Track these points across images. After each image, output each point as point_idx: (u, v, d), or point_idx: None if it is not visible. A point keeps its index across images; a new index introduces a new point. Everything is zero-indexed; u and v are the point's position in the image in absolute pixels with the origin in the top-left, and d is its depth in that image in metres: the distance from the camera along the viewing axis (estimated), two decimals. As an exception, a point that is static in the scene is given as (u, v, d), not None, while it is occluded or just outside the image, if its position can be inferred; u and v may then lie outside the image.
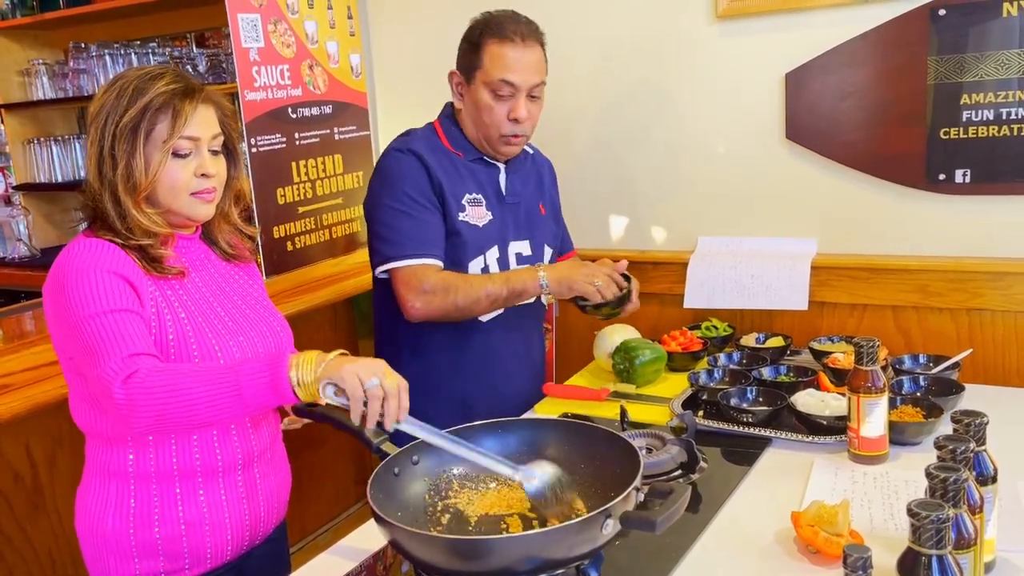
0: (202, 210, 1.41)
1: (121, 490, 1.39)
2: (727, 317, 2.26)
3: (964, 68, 2.01)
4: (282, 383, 1.20)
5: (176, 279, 1.39)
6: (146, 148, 1.34)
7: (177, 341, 1.35)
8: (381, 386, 1.18)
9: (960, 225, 2.09)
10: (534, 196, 2.03)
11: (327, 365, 1.21)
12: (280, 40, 2.46)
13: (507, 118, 1.84)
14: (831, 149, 2.19)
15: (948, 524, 0.91)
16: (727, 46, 2.27)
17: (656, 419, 1.76)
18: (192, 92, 1.37)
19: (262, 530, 1.50)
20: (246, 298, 1.52)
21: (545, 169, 2.12)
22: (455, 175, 1.89)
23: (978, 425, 1.13)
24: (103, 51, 3.20)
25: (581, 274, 1.82)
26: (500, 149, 1.91)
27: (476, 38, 1.86)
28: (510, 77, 1.82)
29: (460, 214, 1.88)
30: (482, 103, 1.85)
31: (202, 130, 1.37)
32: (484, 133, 1.89)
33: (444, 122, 1.96)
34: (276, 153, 2.46)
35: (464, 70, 1.89)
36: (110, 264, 1.31)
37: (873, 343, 1.48)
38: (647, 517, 1.07)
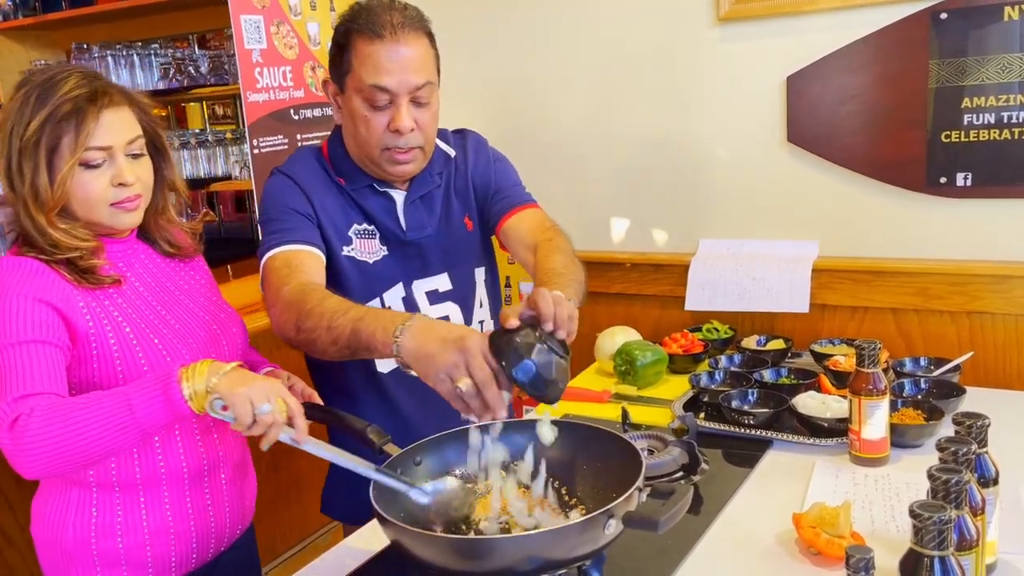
0: (125, 219, 1.34)
1: (82, 499, 1.34)
2: (728, 319, 2.26)
3: (965, 72, 2.02)
4: (174, 396, 1.14)
5: (113, 287, 1.33)
6: (54, 161, 1.26)
7: (122, 352, 1.29)
8: (272, 413, 1.14)
9: (961, 228, 2.09)
10: (455, 213, 1.69)
11: (220, 379, 1.14)
12: (282, 42, 2.47)
13: (388, 130, 1.51)
14: (832, 152, 2.19)
15: (950, 525, 0.91)
16: (728, 50, 2.28)
17: (657, 421, 1.76)
18: (97, 97, 1.28)
19: (228, 537, 1.46)
20: (192, 295, 1.46)
21: (470, 167, 1.73)
22: (342, 203, 1.60)
23: (980, 427, 1.13)
24: (105, 52, 3.21)
25: (444, 364, 1.18)
26: (387, 168, 1.56)
27: (342, 36, 1.52)
28: (383, 81, 1.48)
29: (345, 248, 1.57)
30: (357, 115, 1.52)
31: (114, 136, 1.29)
32: (365, 151, 1.56)
33: (332, 142, 1.64)
34: (278, 154, 2.46)
35: (336, 77, 1.56)
36: (33, 289, 1.23)
37: (875, 345, 1.49)
38: (649, 517, 1.07)
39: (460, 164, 1.73)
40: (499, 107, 2.62)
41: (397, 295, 1.63)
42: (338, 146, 1.63)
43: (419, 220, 1.64)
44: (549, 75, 2.53)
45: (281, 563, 2.70)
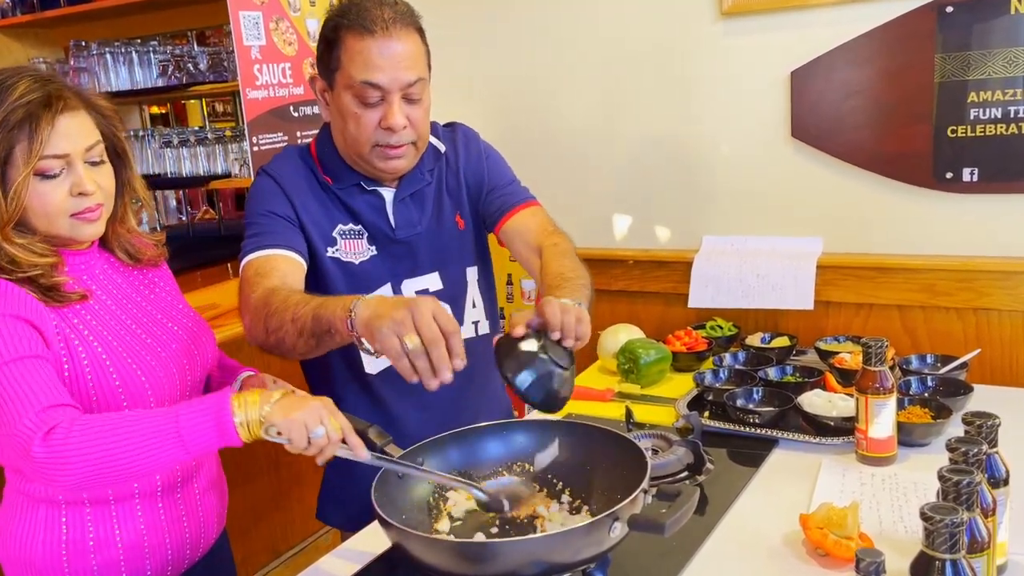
0: (87, 231, 1.27)
1: (51, 517, 1.29)
2: (732, 317, 2.25)
3: (971, 65, 2.00)
4: (226, 427, 1.12)
5: (80, 303, 1.27)
6: (8, 172, 1.19)
7: (94, 370, 1.24)
8: (326, 434, 1.13)
9: (967, 224, 2.07)
10: (447, 211, 1.66)
11: (272, 408, 1.13)
12: (282, 38, 2.45)
13: (380, 127, 1.49)
14: (837, 148, 2.17)
15: (962, 528, 0.90)
16: (731, 44, 2.26)
17: (661, 420, 1.75)
18: (51, 101, 1.20)
19: (202, 546, 1.43)
20: (159, 305, 1.41)
21: (462, 158, 1.70)
22: (327, 204, 1.58)
23: (990, 427, 1.12)
24: (103, 49, 3.19)
25: (392, 320, 1.16)
26: (377, 165, 1.53)
27: (331, 32, 1.49)
28: (375, 78, 1.45)
29: (329, 249, 1.55)
30: (347, 112, 1.49)
31: (71, 143, 1.22)
32: (355, 149, 1.53)
33: (320, 141, 1.62)
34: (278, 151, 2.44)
35: (324, 74, 1.53)
36: (8, 307, 1.17)
37: (881, 343, 1.47)
38: (655, 520, 1.05)
39: (451, 160, 1.70)
40: (500, 104, 2.60)
41: (385, 295, 1.58)
42: (326, 144, 1.60)
43: (409, 218, 1.61)
44: (550, 72, 2.51)
45: (283, 562, 2.69)
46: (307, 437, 1.13)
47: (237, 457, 2.25)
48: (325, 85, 1.54)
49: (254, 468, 2.45)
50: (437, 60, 1.67)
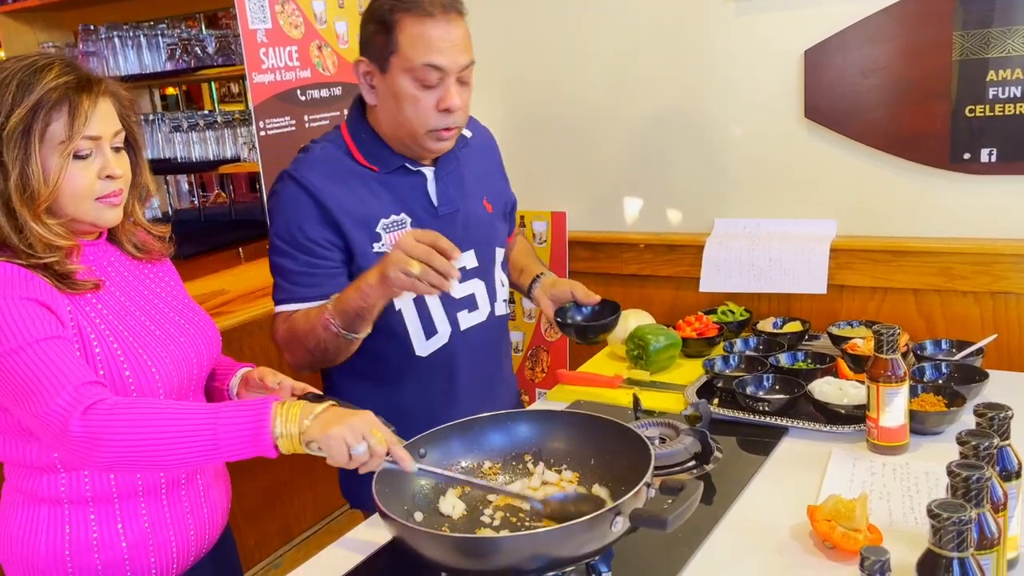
0: (109, 215, 1.27)
1: (54, 516, 1.28)
2: (744, 301, 2.22)
3: (991, 43, 1.95)
4: (264, 439, 1.12)
5: (92, 293, 1.27)
6: (42, 152, 1.19)
7: (105, 358, 1.23)
8: (368, 449, 1.12)
9: (985, 206, 2.03)
10: (474, 194, 1.71)
11: (312, 422, 1.13)
12: (288, 21, 2.42)
13: (436, 109, 1.51)
14: (851, 128, 2.13)
15: (970, 526, 0.88)
16: (744, 24, 2.21)
17: (670, 407, 1.73)
18: (89, 85, 1.22)
19: (208, 542, 1.42)
20: (168, 300, 1.41)
21: (482, 152, 1.77)
22: (366, 199, 1.57)
23: (1002, 419, 1.09)
24: (112, 33, 3.18)
25: (394, 262, 1.35)
26: (429, 147, 1.57)
27: (385, 15, 1.50)
28: (437, 60, 1.48)
29: (375, 245, 1.57)
30: (404, 95, 1.50)
31: (103, 127, 1.23)
32: (408, 131, 1.54)
33: (353, 127, 1.62)
34: (285, 136, 2.43)
35: (376, 57, 1.53)
36: (21, 289, 1.17)
37: (894, 331, 1.44)
38: (658, 515, 1.04)
39: (475, 147, 1.75)
40: (512, 86, 2.57)
41: None
42: (362, 130, 1.60)
43: (449, 195, 1.66)
44: (560, 52, 2.47)
45: (296, 545, 2.70)
46: (348, 454, 1.12)
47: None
48: (374, 68, 1.54)
49: (265, 453, 2.46)
50: None
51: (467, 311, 1.66)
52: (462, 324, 1.65)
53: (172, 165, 3.27)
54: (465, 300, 1.66)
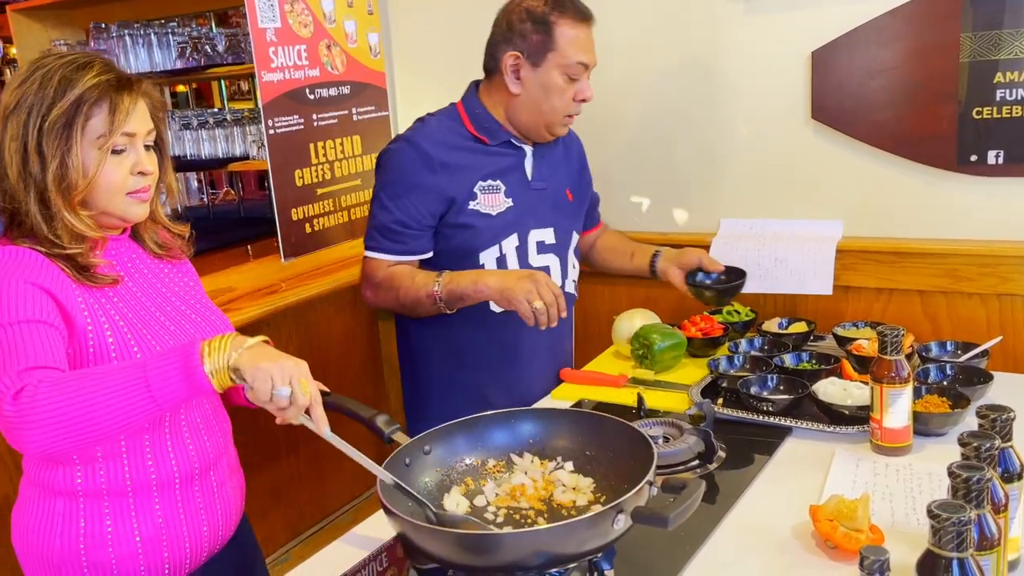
0: (137, 210, 1.32)
1: (69, 509, 1.29)
2: (749, 301, 2.22)
3: (1000, 45, 1.94)
4: (196, 374, 1.10)
5: (110, 287, 1.30)
6: (81, 145, 1.23)
7: (120, 351, 1.26)
8: (291, 395, 1.10)
9: (992, 208, 2.02)
10: (562, 182, 1.97)
11: (241, 354, 1.11)
12: (297, 20, 2.44)
13: (574, 100, 1.81)
14: (858, 129, 2.13)
15: (970, 526, 0.88)
16: (752, 24, 2.21)
17: (674, 406, 1.74)
18: (128, 84, 1.28)
19: (222, 538, 1.43)
20: (184, 298, 1.43)
21: (574, 149, 2.06)
22: (470, 162, 1.83)
23: (1004, 421, 1.09)
24: (123, 31, 3.19)
25: (523, 291, 1.63)
26: (557, 131, 1.86)
27: (544, 18, 1.77)
28: (587, 59, 1.79)
29: (470, 203, 1.82)
30: (553, 86, 1.78)
31: (139, 125, 1.28)
32: (548, 117, 1.82)
33: (469, 103, 1.89)
34: (294, 135, 2.44)
35: (531, 52, 1.79)
36: (30, 275, 1.20)
37: (898, 332, 1.44)
38: (659, 513, 1.05)
39: (567, 144, 2.02)
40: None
41: (512, 244, 1.86)
42: (476, 106, 1.87)
43: (542, 173, 1.92)
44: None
45: (303, 541, 2.72)
46: (270, 392, 1.09)
47: (257, 440, 2.27)
48: (524, 62, 1.80)
49: (274, 449, 2.47)
50: (453, 38, 1.70)
51: None
52: None
53: (182, 162, 3.28)
54: (541, 270, 1.83)
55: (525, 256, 1.88)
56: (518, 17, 1.79)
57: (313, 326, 2.62)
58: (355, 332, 2.81)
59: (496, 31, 1.84)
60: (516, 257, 1.87)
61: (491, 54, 1.85)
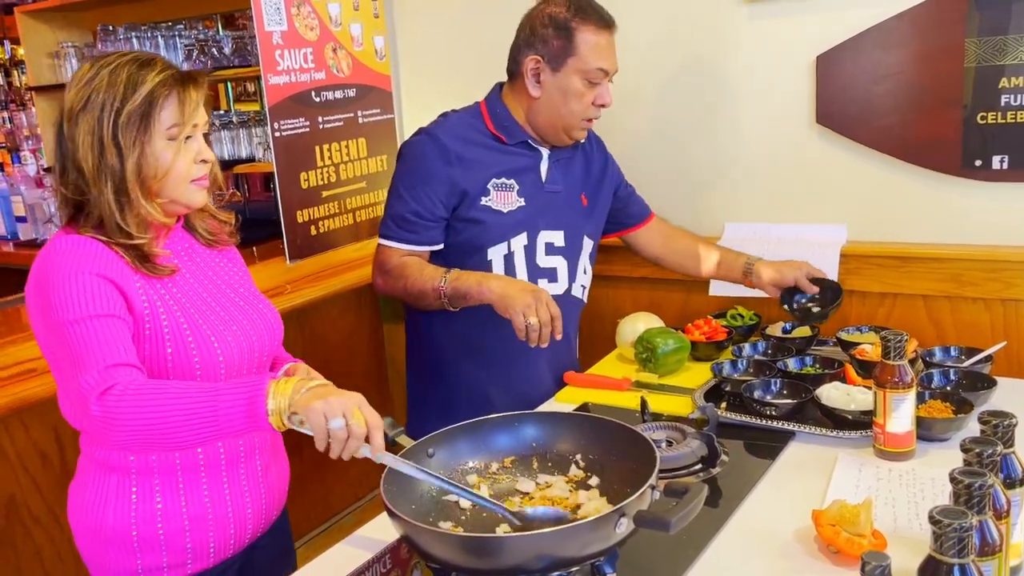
0: (199, 196, 1.38)
1: (122, 485, 1.36)
2: (753, 305, 2.22)
3: (1005, 50, 1.94)
4: (258, 411, 1.16)
5: (167, 276, 1.36)
6: (154, 137, 1.30)
7: (174, 339, 1.32)
8: (347, 427, 1.14)
9: (996, 213, 2.03)
10: (576, 186, 1.98)
11: (300, 397, 1.16)
12: (303, 23, 2.45)
13: (593, 104, 1.83)
14: (863, 134, 2.13)
15: (971, 532, 0.88)
16: (756, 28, 2.22)
17: (678, 410, 1.74)
18: (191, 78, 1.35)
19: (265, 522, 1.48)
20: (235, 287, 1.48)
21: (595, 154, 2.05)
22: (486, 159, 1.86)
23: (1006, 427, 1.09)
24: (130, 33, 3.22)
25: (522, 303, 1.64)
26: (575, 135, 1.88)
27: (566, 23, 1.79)
28: (607, 65, 1.81)
29: (482, 198, 1.84)
30: (572, 90, 1.81)
31: (201, 116, 1.36)
32: (567, 121, 1.84)
33: (491, 103, 1.92)
34: (299, 137, 2.45)
35: (551, 57, 1.82)
36: (95, 266, 1.26)
37: (901, 337, 1.44)
38: (661, 517, 1.05)
39: (586, 149, 2.02)
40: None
41: (520, 242, 1.88)
42: (500, 108, 1.90)
43: (556, 177, 1.93)
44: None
45: (306, 543, 2.72)
46: (325, 428, 1.14)
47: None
48: (545, 67, 1.82)
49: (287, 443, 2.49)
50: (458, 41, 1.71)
51: (547, 280, 1.92)
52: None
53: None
54: (547, 271, 1.91)
55: (533, 256, 1.89)
56: (540, 22, 1.82)
57: (318, 328, 2.63)
58: (360, 334, 2.81)
59: (519, 35, 1.87)
60: (524, 256, 1.88)
61: (513, 58, 1.88)
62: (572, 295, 1.96)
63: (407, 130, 2.90)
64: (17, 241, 3.81)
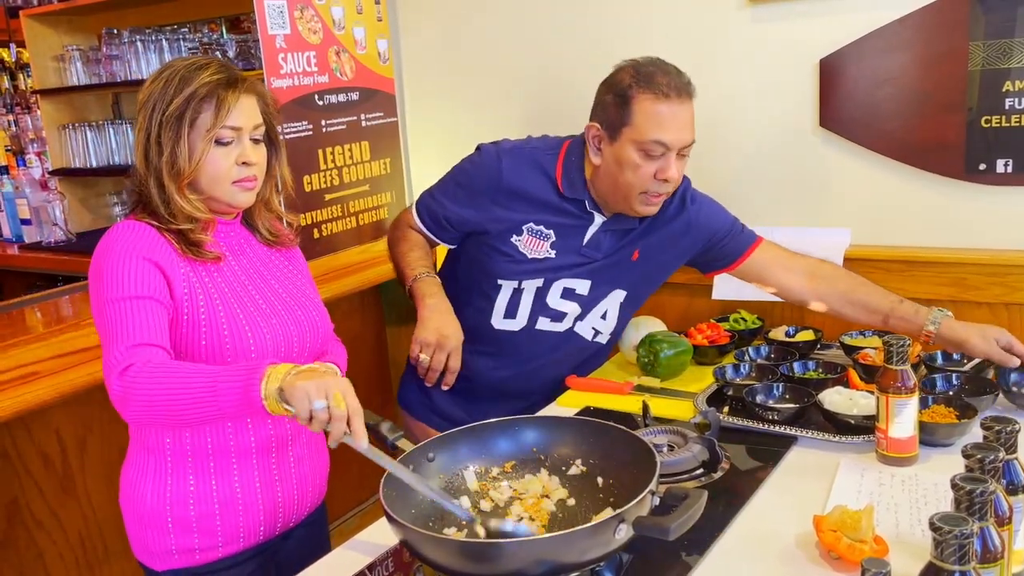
0: (242, 198, 1.43)
1: (159, 467, 1.42)
2: (756, 309, 2.22)
3: (1009, 54, 1.94)
4: (252, 393, 1.18)
5: (213, 263, 1.42)
6: (190, 136, 1.36)
7: (209, 323, 1.37)
8: (327, 409, 1.15)
9: (1000, 217, 2.02)
10: (627, 248, 1.85)
11: (290, 378, 1.18)
12: (307, 26, 2.45)
13: (655, 178, 1.69)
14: (866, 138, 2.13)
15: (972, 539, 0.88)
16: (759, 31, 2.22)
17: (680, 414, 1.74)
18: (235, 82, 1.40)
19: (296, 514, 1.52)
20: (285, 284, 1.53)
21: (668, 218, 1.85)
22: (535, 201, 1.79)
23: (1009, 433, 1.09)
24: (135, 37, 3.23)
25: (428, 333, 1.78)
26: (637, 208, 1.74)
27: (626, 90, 1.68)
28: (664, 137, 1.66)
29: (513, 236, 1.79)
30: (627, 161, 1.68)
31: (244, 119, 1.39)
32: (624, 193, 1.72)
33: (571, 149, 1.81)
34: (302, 140, 2.46)
35: (608, 125, 1.71)
36: (145, 250, 1.33)
37: (904, 341, 1.44)
38: (660, 523, 1.05)
39: (661, 213, 1.84)
40: (527, 88, 2.59)
41: (535, 284, 1.83)
42: (575, 154, 1.80)
43: (600, 244, 1.83)
44: (576, 56, 2.48)
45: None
46: (309, 409, 1.14)
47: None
48: (604, 135, 1.73)
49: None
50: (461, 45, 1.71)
51: (549, 320, 1.86)
52: (539, 325, 1.87)
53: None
54: (553, 311, 1.86)
55: (544, 297, 1.84)
56: (604, 88, 1.75)
57: (321, 331, 2.63)
58: (363, 337, 2.82)
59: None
60: (534, 294, 1.84)
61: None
62: (575, 332, 1.89)
63: (410, 133, 2.90)
64: (22, 244, 3.82)
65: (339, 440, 1.17)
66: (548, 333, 1.87)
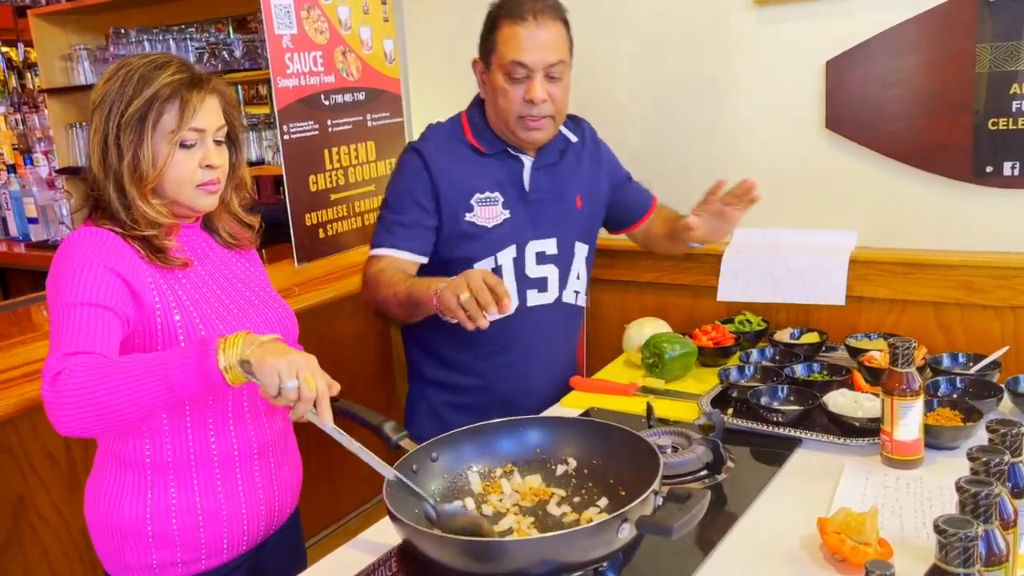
0: (206, 201, 1.39)
1: (138, 480, 1.38)
2: (761, 311, 2.21)
3: (1017, 56, 1.93)
4: (209, 366, 1.15)
5: (180, 269, 1.38)
6: (153, 139, 1.31)
7: (186, 326, 1.34)
8: (298, 389, 1.13)
9: (1007, 219, 2.01)
10: (569, 189, 1.93)
11: (253, 350, 1.15)
12: (313, 26, 2.45)
13: (523, 99, 1.77)
14: (873, 140, 2.12)
15: (976, 542, 0.87)
16: (766, 33, 2.21)
17: (684, 415, 1.73)
18: (199, 83, 1.35)
19: (277, 520, 1.51)
20: (250, 285, 1.51)
21: (587, 151, 1.99)
22: (469, 172, 1.84)
23: (1014, 435, 1.09)
24: (142, 36, 3.24)
25: (453, 285, 1.50)
26: (520, 135, 1.82)
27: (492, 20, 1.81)
28: (522, 58, 1.75)
29: (466, 214, 1.83)
30: (498, 87, 1.79)
31: (208, 121, 1.35)
32: (503, 119, 1.82)
33: (471, 113, 1.91)
34: (308, 140, 2.46)
35: (483, 56, 1.84)
36: (109, 259, 1.28)
37: (909, 344, 1.43)
38: (663, 523, 1.05)
39: (578, 149, 1.98)
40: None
41: (509, 255, 1.86)
42: (477, 116, 1.89)
43: (540, 184, 1.90)
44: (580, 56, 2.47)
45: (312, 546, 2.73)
46: (278, 385, 1.13)
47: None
48: (483, 66, 1.85)
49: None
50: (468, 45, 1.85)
51: (536, 291, 1.90)
52: (529, 301, 1.89)
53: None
54: (536, 281, 1.89)
55: (522, 267, 1.88)
56: (484, 22, 1.85)
57: (326, 331, 2.63)
58: (367, 337, 2.82)
59: None
60: (512, 268, 1.87)
61: None
62: (564, 302, 1.95)
63: (416, 133, 2.89)
64: (29, 242, 3.84)
65: (302, 417, 1.16)
66: (539, 308, 1.90)
